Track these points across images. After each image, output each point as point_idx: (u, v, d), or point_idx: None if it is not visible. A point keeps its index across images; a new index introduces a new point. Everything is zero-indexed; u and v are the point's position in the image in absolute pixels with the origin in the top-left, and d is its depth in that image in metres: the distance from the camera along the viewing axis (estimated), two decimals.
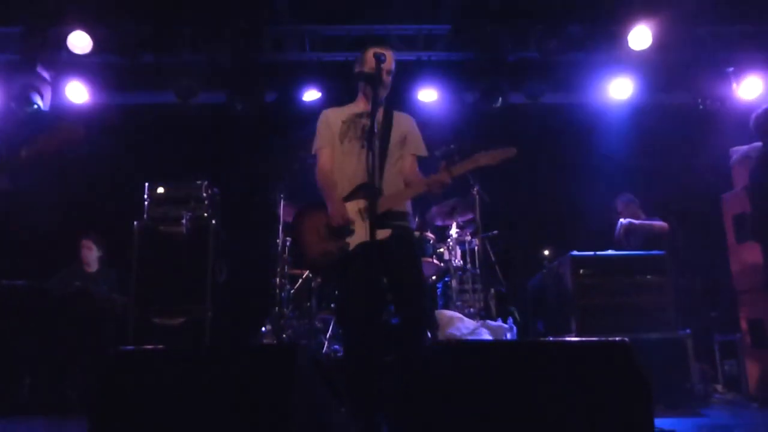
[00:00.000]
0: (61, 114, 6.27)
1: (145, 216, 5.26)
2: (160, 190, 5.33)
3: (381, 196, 3.01)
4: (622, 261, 4.84)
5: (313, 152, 3.36)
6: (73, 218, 6.31)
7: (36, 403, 4.81)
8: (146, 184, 5.36)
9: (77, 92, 6.34)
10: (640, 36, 5.98)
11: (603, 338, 2.08)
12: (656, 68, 6.41)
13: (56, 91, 6.35)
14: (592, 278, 4.77)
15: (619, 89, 6.49)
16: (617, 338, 2.04)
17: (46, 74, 6.25)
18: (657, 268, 4.78)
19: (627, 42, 6.02)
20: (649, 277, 4.76)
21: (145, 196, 5.31)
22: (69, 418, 4.34)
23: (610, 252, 4.96)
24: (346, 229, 3.04)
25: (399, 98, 3.17)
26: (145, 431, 1.95)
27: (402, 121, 3.35)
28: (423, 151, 3.37)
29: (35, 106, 6.08)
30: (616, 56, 6.28)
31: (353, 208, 3.10)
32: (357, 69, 3.29)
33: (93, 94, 6.41)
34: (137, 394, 2.00)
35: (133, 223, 5.21)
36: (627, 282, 4.73)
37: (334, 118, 3.33)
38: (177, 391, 2.00)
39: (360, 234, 3.01)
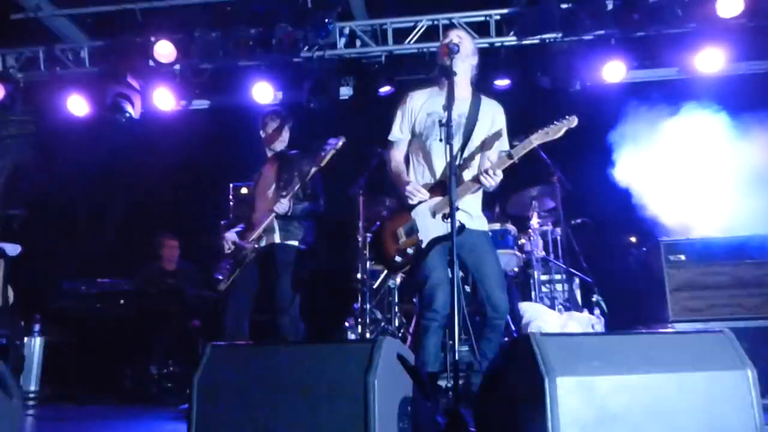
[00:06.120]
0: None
1: (230, 216, 5.45)
2: (244, 190, 5.50)
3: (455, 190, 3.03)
4: (717, 245, 4.56)
5: (389, 137, 3.31)
6: (160, 219, 6.61)
7: (137, 393, 5.15)
8: (230, 185, 5.54)
9: (164, 99, 6.62)
10: (730, 3, 5.58)
11: (703, 329, 1.99)
12: (748, 36, 5.96)
13: (144, 98, 6.66)
14: (684, 264, 4.53)
15: (709, 61, 6.07)
16: (718, 329, 1.95)
17: (135, 83, 6.56)
18: (758, 251, 4.47)
19: (715, 10, 5.63)
20: (749, 261, 4.46)
21: (230, 197, 5.50)
22: (167, 406, 4.62)
23: (703, 236, 4.68)
24: (416, 227, 3.08)
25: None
26: (239, 420, 2.06)
27: (488, 113, 3.24)
28: (506, 146, 3.23)
29: (127, 115, 6.40)
30: (704, 26, 5.88)
31: (427, 206, 3.09)
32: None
33: (177, 99, 6.68)
34: (231, 385, 2.12)
35: (219, 222, 5.42)
36: (725, 267, 4.45)
37: (418, 106, 3.24)
38: (266, 384, 2.09)
39: (431, 230, 3.03)
